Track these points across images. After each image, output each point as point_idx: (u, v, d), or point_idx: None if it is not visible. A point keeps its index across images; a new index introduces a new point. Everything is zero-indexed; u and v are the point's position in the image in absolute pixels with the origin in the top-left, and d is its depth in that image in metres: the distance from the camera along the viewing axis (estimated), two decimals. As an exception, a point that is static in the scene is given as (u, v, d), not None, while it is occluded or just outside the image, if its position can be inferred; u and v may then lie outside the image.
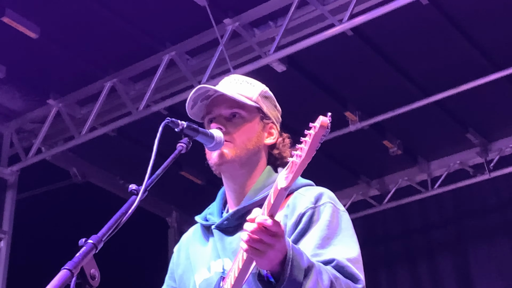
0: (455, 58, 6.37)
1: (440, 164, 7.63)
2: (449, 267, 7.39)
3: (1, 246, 6.79)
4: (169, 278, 2.60)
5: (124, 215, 1.89)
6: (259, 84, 2.53)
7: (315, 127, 1.87)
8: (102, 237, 1.80)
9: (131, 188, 2.03)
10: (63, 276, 1.65)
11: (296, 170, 1.91)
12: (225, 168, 2.41)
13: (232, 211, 2.39)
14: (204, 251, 2.45)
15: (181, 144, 2.28)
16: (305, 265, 2.04)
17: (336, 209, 2.34)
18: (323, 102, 6.80)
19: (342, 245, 2.25)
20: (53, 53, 6.36)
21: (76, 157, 7.45)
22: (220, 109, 2.44)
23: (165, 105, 6.46)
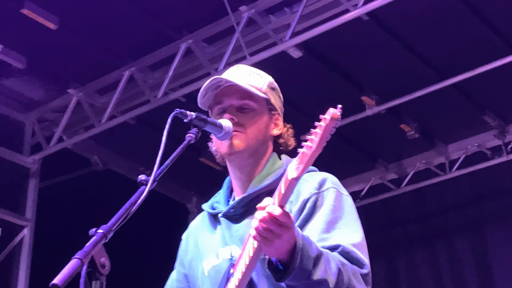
0: (471, 40, 6.34)
1: (457, 147, 7.58)
2: (467, 249, 7.36)
3: (25, 233, 6.88)
4: (179, 264, 2.63)
5: (134, 205, 1.92)
6: (266, 75, 2.55)
7: (326, 119, 1.89)
8: (112, 226, 1.84)
9: (140, 179, 2.06)
10: (73, 265, 1.68)
11: (307, 161, 1.93)
12: (234, 157, 2.43)
13: (238, 199, 2.42)
14: (212, 238, 2.47)
15: (190, 134, 2.30)
16: (314, 254, 2.06)
17: (339, 193, 2.36)
18: (339, 87, 6.79)
19: (347, 229, 2.28)
20: (72, 43, 6.41)
21: (97, 145, 7.50)
22: (231, 99, 2.46)
23: (183, 92, 6.49)
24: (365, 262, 2.22)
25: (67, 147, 7.14)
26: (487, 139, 7.42)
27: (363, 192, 7.83)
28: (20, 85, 6.86)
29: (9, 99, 7.01)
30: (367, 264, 2.23)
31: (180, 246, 2.65)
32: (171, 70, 6.40)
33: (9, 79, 6.76)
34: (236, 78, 2.47)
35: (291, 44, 5.96)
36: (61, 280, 1.64)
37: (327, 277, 2.07)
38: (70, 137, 7.15)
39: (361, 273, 2.19)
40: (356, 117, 6.91)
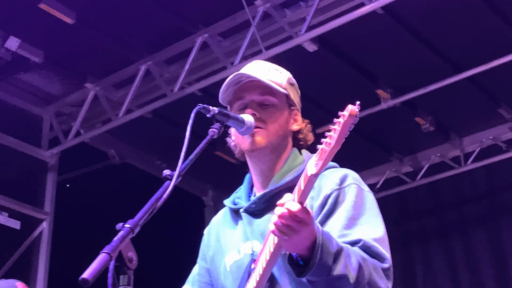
0: (486, 33, 6.31)
1: (472, 140, 7.56)
2: (483, 242, 7.35)
3: (44, 226, 6.92)
4: (201, 259, 2.64)
5: (159, 199, 1.93)
6: (285, 71, 2.55)
7: (344, 115, 1.89)
8: (138, 221, 1.84)
9: (165, 174, 2.07)
10: (102, 260, 1.69)
11: (326, 157, 1.94)
12: (256, 154, 2.43)
13: (259, 195, 2.42)
14: (234, 234, 2.48)
15: (212, 129, 2.31)
16: (334, 249, 2.07)
17: (360, 189, 2.36)
18: (354, 81, 6.79)
19: (368, 224, 2.28)
20: (89, 38, 6.43)
21: (114, 138, 7.53)
22: (252, 95, 2.45)
23: (199, 86, 6.50)
24: (386, 256, 2.22)
25: (84, 141, 7.18)
26: (502, 132, 7.40)
27: (378, 185, 7.82)
28: (38, 79, 6.90)
29: (27, 94, 7.05)
30: (389, 258, 2.23)
31: (202, 241, 2.66)
32: (187, 64, 6.41)
33: (27, 73, 6.80)
34: (256, 73, 2.46)
35: (307, 38, 5.95)
36: (90, 274, 1.65)
37: (348, 272, 2.07)
38: (88, 131, 7.18)
39: (382, 268, 2.19)
40: (371, 110, 6.90)
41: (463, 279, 7.35)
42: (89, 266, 1.67)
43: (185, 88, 6.55)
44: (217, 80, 6.37)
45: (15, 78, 6.83)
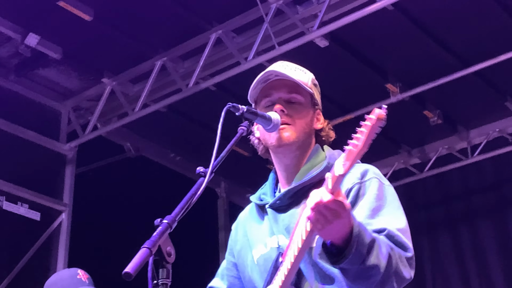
0: (493, 28, 6.32)
1: (479, 132, 7.57)
2: (490, 232, 7.36)
3: (63, 218, 6.95)
4: (229, 253, 2.68)
5: (194, 196, 1.96)
6: (308, 72, 2.57)
7: (371, 118, 1.92)
8: (175, 217, 1.88)
9: (199, 171, 2.10)
10: (143, 254, 1.73)
11: (353, 158, 1.96)
12: (283, 149, 2.46)
13: (284, 191, 2.45)
14: (260, 228, 2.51)
15: (242, 127, 2.33)
16: (368, 240, 2.10)
17: (381, 183, 2.38)
18: (364, 75, 6.81)
19: (390, 215, 2.30)
20: (107, 34, 6.45)
21: (130, 132, 7.57)
22: (279, 92, 2.48)
23: (214, 81, 6.53)
24: (409, 246, 2.25)
25: (101, 134, 7.22)
26: (509, 124, 7.41)
27: (387, 177, 7.80)
28: (57, 75, 6.93)
29: (46, 89, 7.08)
30: (411, 248, 2.25)
31: (230, 236, 2.70)
32: (202, 59, 6.43)
33: (46, 69, 6.83)
34: (284, 72, 2.49)
35: (319, 34, 5.98)
36: (133, 268, 1.69)
37: (379, 262, 2.10)
38: (104, 125, 7.22)
39: (406, 257, 2.22)
40: (380, 104, 6.87)
41: (471, 269, 7.35)
42: (131, 261, 1.71)
43: (199, 83, 6.58)
44: (231, 75, 6.40)
45: (35, 73, 6.86)
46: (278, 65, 2.54)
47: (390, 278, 2.15)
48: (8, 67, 6.74)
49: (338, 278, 2.24)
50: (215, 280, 2.70)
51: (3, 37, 6.33)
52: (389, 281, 2.15)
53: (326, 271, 2.26)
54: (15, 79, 6.82)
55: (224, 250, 8.71)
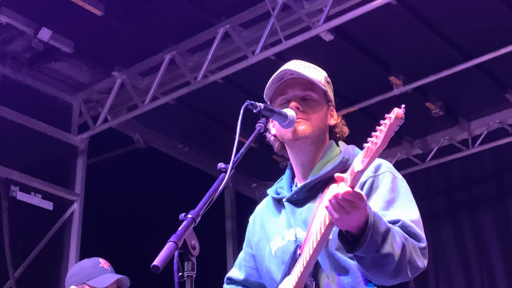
0: (494, 22, 6.33)
1: (480, 124, 7.59)
2: (490, 221, 7.38)
3: (75, 207, 6.99)
4: (246, 245, 2.72)
5: (216, 191, 2.00)
6: (321, 70, 2.60)
7: (390, 117, 1.96)
8: (199, 211, 1.91)
9: (220, 167, 2.14)
10: (170, 248, 1.77)
11: (372, 155, 2.00)
12: (298, 143, 2.48)
13: (300, 185, 2.48)
14: (278, 221, 2.54)
15: (259, 124, 2.36)
16: (383, 229, 2.14)
17: (394, 177, 2.42)
18: (368, 68, 6.83)
19: (404, 207, 2.34)
20: (117, 29, 6.47)
21: (139, 124, 7.60)
22: (294, 90, 2.51)
23: (222, 75, 6.56)
24: (422, 236, 2.29)
25: (111, 126, 7.26)
26: (509, 116, 7.43)
27: (390, 167, 7.85)
28: (68, 68, 6.95)
29: (58, 82, 7.11)
30: (424, 239, 2.30)
31: (247, 228, 2.73)
32: (210, 53, 6.44)
33: (58, 62, 6.85)
34: (298, 71, 2.52)
35: (325, 29, 6.00)
36: (161, 261, 1.73)
37: (393, 251, 2.14)
38: (115, 117, 7.25)
39: (419, 247, 2.26)
40: (384, 96, 6.96)
41: (471, 257, 7.39)
42: (159, 254, 1.75)
43: (207, 76, 6.60)
44: (239, 69, 6.42)
45: (47, 67, 6.89)
46: (292, 64, 2.56)
47: (404, 266, 2.19)
48: (21, 61, 6.77)
49: (353, 269, 2.28)
50: (233, 270, 2.74)
51: (16, 32, 6.35)
52: (403, 270, 2.19)
53: (342, 262, 2.31)
54: (28, 72, 6.85)
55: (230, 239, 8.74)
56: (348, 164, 2.40)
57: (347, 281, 2.31)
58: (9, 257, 6.41)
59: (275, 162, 8.12)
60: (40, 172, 6.77)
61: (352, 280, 2.30)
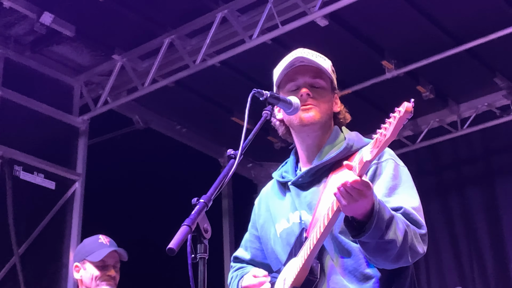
0: (484, 8, 6.34)
1: (469, 106, 7.62)
2: (478, 200, 7.44)
3: (76, 186, 7.01)
4: (251, 227, 2.75)
5: (226, 176, 2.03)
6: (327, 59, 2.62)
7: (400, 111, 1.98)
8: (210, 196, 1.94)
9: (229, 153, 2.16)
10: (184, 231, 1.80)
11: (381, 146, 2.03)
12: (307, 128, 2.51)
13: (306, 170, 2.51)
14: (283, 204, 2.57)
15: (266, 111, 2.37)
16: (387, 216, 2.17)
17: (397, 164, 2.45)
18: (362, 53, 6.84)
19: (405, 194, 2.38)
20: (117, 13, 6.45)
21: (139, 106, 7.61)
22: (305, 77, 2.53)
23: (220, 59, 6.55)
24: (422, 223, 2.33)
25: (112, 108, 7.26)
26: (497, 99, 7.44)
27: (381, 148, 7.88)
28: (70, 51, 6.93)
29: (60, 64, 7.10)
30: (424, 225, 2.34)
31: (253, 210, 2.75)
32: (208, 37, 6.44)
33: (60, 46, 6.83)
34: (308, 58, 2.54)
35: (320, 14, 6.00)
36: (176, 244, 1.75)
37: (396, 237, 2.18)
38: (115, 99, 7.25)
39: (420, 233, 2.30)
40: (376, 79, 6.98)
41: (459, 233, 7.45)
42: (174, 237, 1.78)
43: (206, 60, 6.60)
44: (236, 53, 6.43)
45: (49, 50, 6.87)
46: (301, 51, 2.58)
47: (406, 252, 2.23)
48: (24, 44, 6.77)
49: (355, 252, 2.33)
50: (240, 250, 2.78)
51: (19, 16, 6.34)
52: (404, 255, 2.23)
53: (345, 245, 2.35)
54: (30, 55, 6.83)
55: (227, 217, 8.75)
56: (352, 150, 2.44)
57: (350, 263, 2.35)
58: (13, 235, 6.44)
59: (270, 143, 8.15)
60: (43, 152, 6.79)
61: (355, 262, 2.35)
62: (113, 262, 3.95)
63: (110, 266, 3.92)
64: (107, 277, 3.89)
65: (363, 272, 2.35)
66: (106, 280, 3.88)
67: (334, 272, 2.36)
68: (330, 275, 2.36)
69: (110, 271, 3.90)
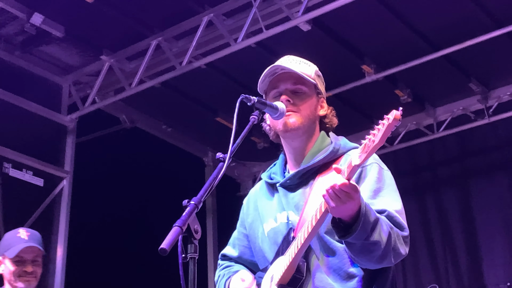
0: (461, 16, 6.39)
1: (445, 110, 7.67)
2: (453, 200, 7.49)
3: (64, 184, 6.99)
4: (240, 225, 2.77)
5: (215, 179, 2.04)
6: (312, 64, 2.65)
7: (389, 118, 2.01)
8: (200, 198, 1.96)
9: (219, 156, 2.18)
10: (175, 232, 1.82)
11: (369, 151, 2.06)
12: (290, 134, 2.54)
13: (293, 172, 2.54)
14: (271, 204, 2.60)
15: (253, 116, 2.39)
16: (373, 219, 2.21)
17: (381, 168, 2.49)
18: (343, 57, 6.88)
19: (389, 197, 2.41)
20: (106, 15, 6.43)
21: (126, 105, 7.60)
22: (286, 84, 2.56)
23: (205, 61, 6.57)
24: (405, 226, 2.37)
25: (99, 107, 7.25)
26: (472, 103, 7.51)
27: (360, 149, 7.91)
28: (59, 51, 6.92)
29: (49, 64, 7.07)
30: (407, 228, 2.38)
31: (241, 209, 2.78)
32: (194, 40, 6.45)
33: (49, 46, 6.81)
34: (289, 66, 2.57)
35: (303, 20, 6.03)
36: (167, 244, 1.77)
37: (381, 239, 2.22)
38: (103, 99, 7.24)
39: (402, 236, 2.34)
40: (356, 83, 7.03)
41: (435, 233, 7.49)
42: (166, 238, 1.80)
43: (192, 62, 6.61)
44: (222, 55, 6.45)
45: (39, 50, 6.85)
46: (284, 60, 2.61)
47: (389, 253, 2.26)
48: (14, 44, 6.73)
49: (340, 251, 2.36)
50: (228, 248, 2.80)
51: (10, 16, 6.31)
52: (388, 256, 2.27)
53: (330, 245, 2.38)
54: (20, 55, 6.80)
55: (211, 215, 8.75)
56: (338, 154, 2.47)
57: (334, 262, 2.38)
58: (2, 230, 6.41)
59: (253, 143, 8.18)
60: (32, 150, 6.76)
61: (339, 261, 2.38)
62: (31, 257, 3.76)
63: (28, 261, 3.75)
64: (23, 272, 3.73)
65: (347, 271, 2.38)
66: (22, 275, 3.73)
67: (319, 271, 2.39)
68: (315, 273, 2.39)
69: (26, 266, 3.74)
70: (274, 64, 2.58)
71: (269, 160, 8.51)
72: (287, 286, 2.37)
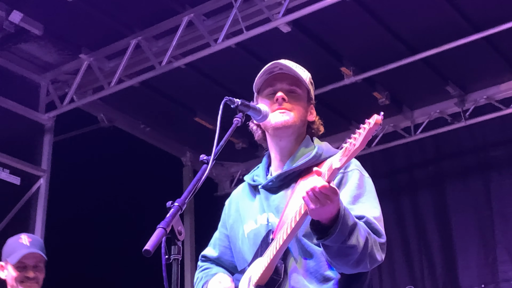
0: (439, 20, 6.45)
1: (422, 113, 7.71)
2: (429, 202, 7.53)
3: (41, 182, 6.95)
4: (221, 226, 2.79)
5: (199, 181, 2.05)
6: (307, 71, 2.69)
7: (370, 123, 2.03)
8: (184, 200, 1.97)
9: (202, 158, 2.18)
10: (159, 233, 1.82)
11: (350, 155, 2.08)
12: (280, 131, 2.55)
13: (276, 174, 2.56)
14: (252, 206, 2.62)
15: (237, 118, 2.41)
16: (351, 223, 2.23)
17: (362, 174, 2.52)
18: (322, 59, 6.90)
19: (369, 204, 2.44)
20: (85, 13, 6.40)
21: (104, 104, 7.56)
22: (282, 84, 2.58)
23: (185, 61, 6.56)
24: (383, 233, 2.40)
25: (78, 106, 7.20)
26: (448, 106, 7.55)
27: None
28: (37, 49, 6.86)
29: (27, 62, 7.02)
30: (384, 235, 2.40)
31: (223, 210, 2.79)
32: (174, 40, 6.44)
33: (28, 44, 6.75)
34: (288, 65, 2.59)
35: (283, 21, 6.05)
36: (151, 246, 1.77)
37: (358, 244, 2.24)
38: (81, 98, 7.19)
39: (379, 242, 2.37)
40: (335, 85, 7.05)
41: (411, 235, 7.53)
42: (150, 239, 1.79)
43: (172, 61, 6.59)
44: (201, 56, 6.44)
45: (17, 48, 6.78)
46: (282, 60, 2.64)
47: (365, 258, 2.29)
48: (-8, 41, 6.69)
49: (318, 254, 2.38)
50: (208, 249, 2.81)
51: (-12, 14, 6.27)
52: (363, 261, 2.29)
53: (308, 248, 2.40)
54: (-2, 53, 6.76)
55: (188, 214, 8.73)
56: (321, 158, 2.48)
57: (311, 264, 2.40)
58: (-22, 228, 6.35)
59: (232, 144, 8.17)
60: (9, 148, 6.72)
61: (316, 264, 2.40)
62: (33, 262, 3.78)
63: (30, 267, 3.76)
64: (25, 278, 3.75)
65: (323, 274, 2.40)
66: (24, 281, 3.75)
67: (296, 272, 2.41)
68: (292, 275, 2.41)
69: (28, 272, 3.75)
70: (274, 61, 2.59)
71: (247, 161, 8.52)
72: (265, 287, 2.39)
